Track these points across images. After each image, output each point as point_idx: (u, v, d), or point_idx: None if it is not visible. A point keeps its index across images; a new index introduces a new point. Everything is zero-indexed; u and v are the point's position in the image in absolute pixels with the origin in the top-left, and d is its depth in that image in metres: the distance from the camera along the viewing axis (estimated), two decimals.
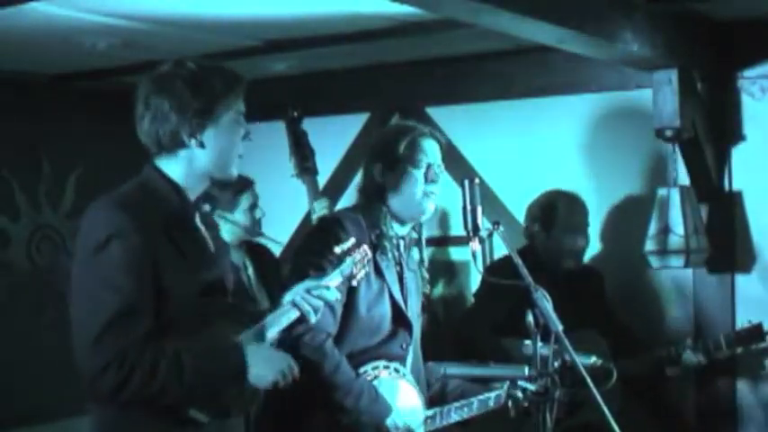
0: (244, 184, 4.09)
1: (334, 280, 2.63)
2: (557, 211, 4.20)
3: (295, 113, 4.11)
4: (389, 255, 3.07)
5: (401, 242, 3.14)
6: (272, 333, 2.49)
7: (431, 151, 3.08)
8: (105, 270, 2.25)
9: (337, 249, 2.68)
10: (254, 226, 4.09)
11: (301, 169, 4.07)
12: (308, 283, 2.60)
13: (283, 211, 4.82)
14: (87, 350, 2.22)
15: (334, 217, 3.15)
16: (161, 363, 2.23)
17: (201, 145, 2.39)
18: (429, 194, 3.06)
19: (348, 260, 2.66)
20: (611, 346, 4.00)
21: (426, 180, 3.05)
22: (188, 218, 2.44)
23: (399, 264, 3.12)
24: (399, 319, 3.08)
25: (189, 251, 2.37)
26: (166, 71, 2.41)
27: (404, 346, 3.08)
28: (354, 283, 2.72)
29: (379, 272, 3.04)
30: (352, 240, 2.71)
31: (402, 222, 3.11)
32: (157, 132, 2.38)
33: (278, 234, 4.59)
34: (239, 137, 2.46)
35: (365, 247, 2.72)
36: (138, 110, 2.41)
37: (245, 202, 4.07)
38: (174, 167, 2.42)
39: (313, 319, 2.58)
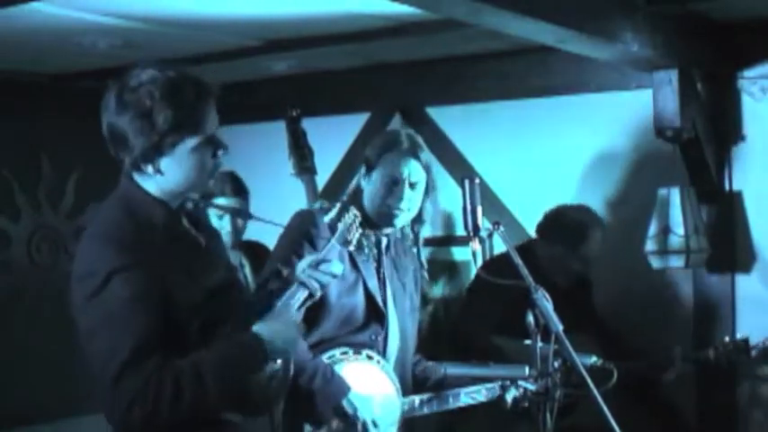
0: (223, 190, 4.06)
1: (333, 251, 2.63)
2: (587, 241, 4.09)
3: (294, 113, 4.11)
4: (365, 250, 3.10)
5: (383, 238, 3.16)
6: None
7: (405, 168, 3.08)
8: (110, 309, 2.18)
9: (326, 219, 2.66)
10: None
11: (300, 169, 4.06)
12: (310, 260, 2.58)
13: (283, 210, 4.81)
14: (109, 393, 2.18)
15: (309, 214, 3.17)
16: (182, 382, 2.18)
17: (159, 172, 2.28)
18: (394, 210, 3.08)
19: (339, 227, 2.65)
20: (602, 352, 4.00)
21: (391, 195, 3.07)
22: (178, 227, 2.39)
23: (378, 260, 3.15)
24: (374, 311, 3.10)
25: (187, 261, 2.32)
26: (130, 88, 2.26)
27: (373, 337, 3.10)
28: (351, 247, 2.70)
29: (354, 265, 3.08)
30: (338, 206, 2.70)
31: (377, 226, 3.14)
32: (118, 146, 2.29)
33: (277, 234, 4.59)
34: (208, 157, 2.33)
35: (353, 209, 2.70)
36: (106, 115, 2.31)
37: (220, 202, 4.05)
38: (145, 182, 2.33)
39: (318, 294, 2.57)
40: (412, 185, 3.10)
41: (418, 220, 3.19)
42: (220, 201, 4.08)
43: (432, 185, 3.16)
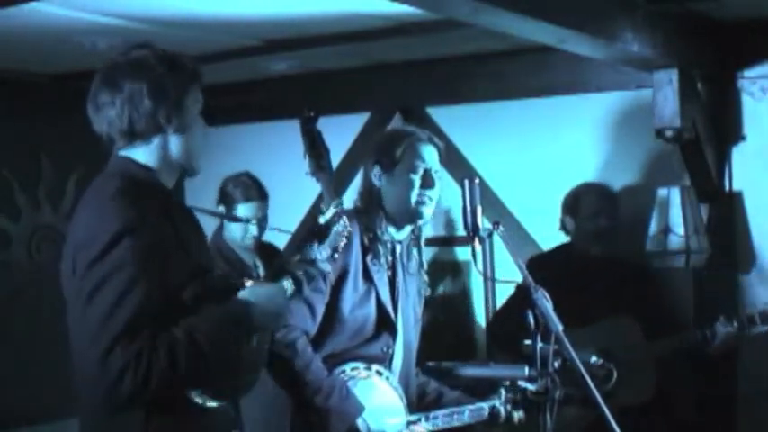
0: (250, 195, 4.11)
1: (323, 252, 2.62)
2: (580, 199, 4.28)
3: (311, 113, 4.11)
4: (382, 260, 3.06)
5: (397, 246, 3.13)
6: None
7: (428, 157, 3.08)
8: (117, 270, 2.14)
9: (321, 220, 2.65)
10: (244, 238, 4.11)
11: (317, 168, 4.05)
12: (301, 256, 2.57)
13: (282, 210, 4.82)
14: (102, 357, 2.10)
15: None
16: (177, 350, 2.13)
17: (178, 130, 2.31)
18: (425, 200, 3.05)
19: (332, 231, 2.63)
20: (646, 330, 4.02)
21: (423, 185, 3.05)
22: (176, 202, 2.39)
23: (392, 268, 3.12)
24: (384, 322, 3.07)
25: (188, 238, 2.30)
26: (138, 54, 2.32)
27: (385, 348, 3.07)
28: (336, 255, 2.68)
29: (367, 275, 3.04)
30: (332, 210, 2.69)
31: (399, 227, 3.11)
32: (131, 117, 2.28)
33: (275, 232, 4.60)
34: (202, 128, 2.39)
35: (345, 219, 2.67)
36: (100, 97, 2.31)
37: (242, 209, 4.09)
38: (144, 157, 2.32)
39: (306, 288, 2.55)
40: (436, 173, 3.09)
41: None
42: (248, 205, 4.12)
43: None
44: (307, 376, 2.89)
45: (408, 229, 3.14)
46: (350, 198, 3.33)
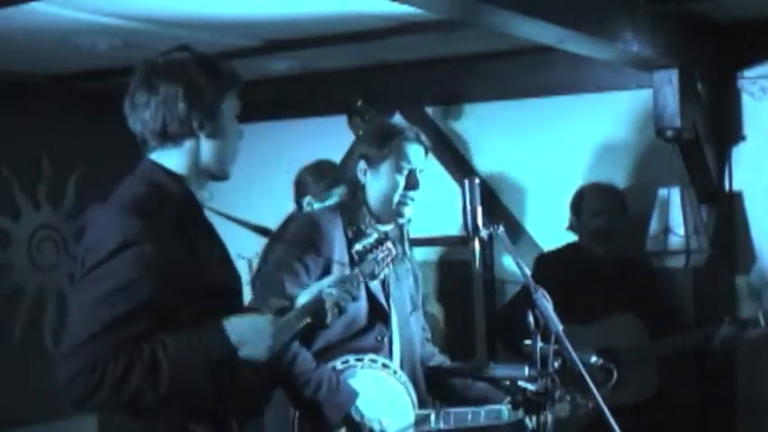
0: (340, 178, 3.98)
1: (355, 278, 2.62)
2: (583, 198, 4.29)
3: (359, 103, 4.08)
4: None
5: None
6: (285, 338, 2.46)
7: (415, 157, 3.06)
8: (112, 278, 2.14)
9: (358, 247, 2.65)
10: None
11: None
12: (326, 284, 2.57)
13: (278, 210, 4.81)
14: (67, 354, 2.14)
15: (311, 219, 3.12)
16: (135, 366, 2.11)
17: (211, 135, 2.30)
18: (407, 200, 3.05)
19: (369, 258, 2.63)
20: (650, 329, 4.04)
21: (407, 186, 3.04)
22: (199, 214, 2.36)
23: None
24: (376, 312, 3.05)
25: (201, 251, 2.28)
26: (177, 57, 2.32)
27: (379, 338, 3.05)
28: (377, 282, 2.68)
29: (354, 266, 3.02)
30: (374, 237, 2.69)
31: (382, 222, 3.10)
32: (164, 119, 2.27)
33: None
34: (237, 133, 2.39)
35: (389, 244, 2.68)
36: (137, 97, 2.30)
37: (336, 196, 3.98)
38: (174, 160, 2.31)
39: (329, 321, 2.57)
40: (421, 173, 3.08)
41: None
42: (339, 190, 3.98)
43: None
44: (294, 370, 2.87)
45: (392, 224, 3.13)
46: None
